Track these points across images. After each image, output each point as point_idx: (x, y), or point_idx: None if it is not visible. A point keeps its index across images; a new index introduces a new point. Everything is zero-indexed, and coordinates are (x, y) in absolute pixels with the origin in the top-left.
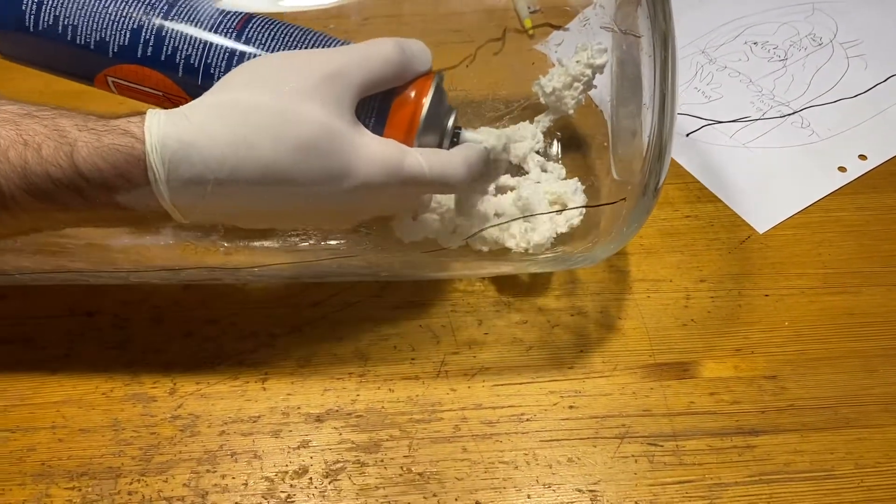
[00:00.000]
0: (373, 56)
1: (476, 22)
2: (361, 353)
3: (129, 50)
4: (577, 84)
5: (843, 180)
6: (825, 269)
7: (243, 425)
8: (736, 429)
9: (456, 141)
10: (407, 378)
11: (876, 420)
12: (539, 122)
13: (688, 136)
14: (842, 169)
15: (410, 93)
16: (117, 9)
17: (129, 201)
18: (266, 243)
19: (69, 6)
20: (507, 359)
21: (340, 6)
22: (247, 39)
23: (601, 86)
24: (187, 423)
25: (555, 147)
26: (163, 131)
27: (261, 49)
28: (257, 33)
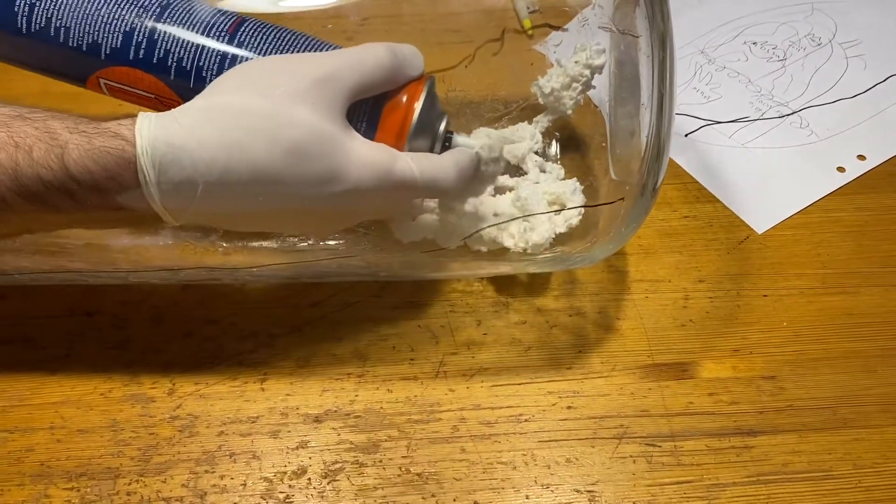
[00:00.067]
0: (365, 60)
1: (475, 22)
2: (360, 353)
3: (122, 52)
4: (575, 84)
5: (842, 180)
6: (824, 270)
7: (242, 426)
8: (734, 429)
9: (447, 145)
10: (406, 378)
11: (874, 420)
12: (538, 123)
13: (686, 136)
14: (841, 169)
15: (402, 97)
16: (110, 11)
17: (120, 203)
18: (265, 243)
19: (62, 8)
20: (505, 359)
21: (339, 6)
22: (239, 43)
23: (600, 86)
24: (186, 423)
25: (553, 147)
26: (153, 134)
27: (253, 52)
28: (249, 37)
